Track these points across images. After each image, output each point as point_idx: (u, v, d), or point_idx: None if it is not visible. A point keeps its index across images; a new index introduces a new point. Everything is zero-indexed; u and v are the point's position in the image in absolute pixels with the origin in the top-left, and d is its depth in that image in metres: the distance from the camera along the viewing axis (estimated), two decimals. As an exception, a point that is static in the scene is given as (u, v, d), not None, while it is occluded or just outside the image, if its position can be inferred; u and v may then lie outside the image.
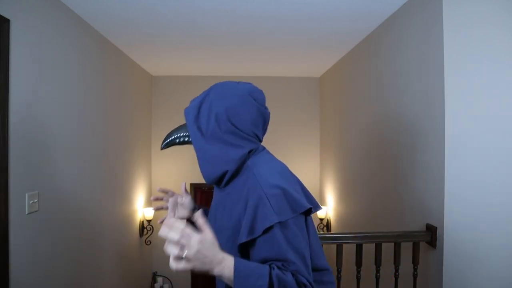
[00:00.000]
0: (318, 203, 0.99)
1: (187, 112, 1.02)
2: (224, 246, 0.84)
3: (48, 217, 1.79)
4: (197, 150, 0.98)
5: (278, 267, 0.80)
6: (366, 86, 2.58)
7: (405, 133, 1.95)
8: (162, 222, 1.02)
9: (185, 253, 0.69)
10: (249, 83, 1.01)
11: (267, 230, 0.83)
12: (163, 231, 0.71)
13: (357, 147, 2.80)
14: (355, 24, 2.29)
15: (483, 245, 1.55)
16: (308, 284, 0.81)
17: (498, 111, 1.55)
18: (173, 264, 0.70)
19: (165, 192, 1.19)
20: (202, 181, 3.34)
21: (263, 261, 0.83)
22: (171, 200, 1.15)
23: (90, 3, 1.95)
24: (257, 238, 0.84)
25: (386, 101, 2.22)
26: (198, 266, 0.72)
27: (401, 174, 2.00)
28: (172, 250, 0.70)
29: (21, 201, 1.58)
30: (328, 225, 3.67)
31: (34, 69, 1.68)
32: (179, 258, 0.70)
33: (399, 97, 2.03)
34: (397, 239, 1.71)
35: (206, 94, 0.99)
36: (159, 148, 3.99)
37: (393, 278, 1.76)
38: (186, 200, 1.17)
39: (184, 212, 1.15)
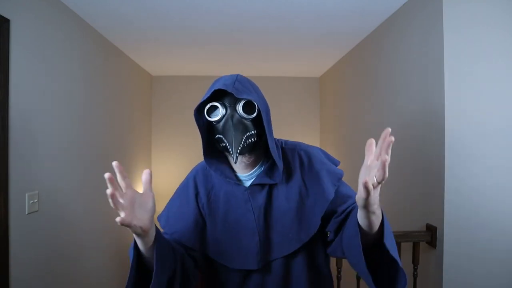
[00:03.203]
0: None
1: (241, 91, 0.83)
2: (296, 228, 0.88)
3: (48, 217, 1.79)
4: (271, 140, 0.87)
5: None
6: (366, 86, 2.58)
7: (405, 133, 1.95)
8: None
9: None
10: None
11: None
12: None
13: (356, 147, 2.79)
14: (355, 24, 2.29)
15: (483, 245, 1.55)
16: None
17: (498, 110, 1.55)
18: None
19: (122, 175, 0.72)
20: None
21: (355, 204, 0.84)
22: (129, 194, 0.71)
23: (90, 3, 1.95)
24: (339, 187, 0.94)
25: (385, 101, 2.22)
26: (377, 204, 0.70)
27: (401, 174, 2.00)
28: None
29: (21, 201, 1.58)
30: (328, 225, 3.66)
31: (34, 69, 1.68)
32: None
33: (399, 97, 2.03)
34: (397, 239, 1.71)
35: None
36: (160, 147, 4.01)
37: (393, 278, 1.76)
38: (149, 200, 0.73)
39: (144, 215, 0.71)
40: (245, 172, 0.93)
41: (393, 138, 0.65)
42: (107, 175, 0.65)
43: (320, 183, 0.91)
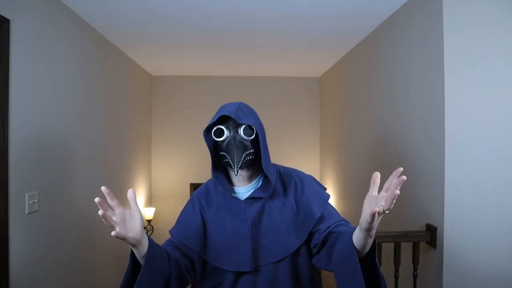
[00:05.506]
0: None
1: (241, 116, 0.99)
2: (285, 239, 1.01)
3: (48, 217, 1.79)
4: (265, 155, 1.01)
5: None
6: (366, 86, 2.58)
7: (405, 133, 1.95)
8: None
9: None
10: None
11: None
12: None
13: (357, 147, 2.80)
14: (355, 24, 2.29)
15: (483, 245, 1.56)
16: None
17: (498, 111, 1.55)
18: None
19: (110, 197, 0.85)
20: (202, 181, 3.31)
21: (339, 223, 1.00)
22: (119, 212, 0.84)
23: (90, 3, 1.95)
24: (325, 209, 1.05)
25: (386, 101, 2.22)
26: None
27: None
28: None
29: (21, 201, 1.58)
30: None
31: (34, 69, 1.68)
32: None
33: (399, 97, 2.03)
34: (397, 239, 1.71)
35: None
36: (160, 148, 4.01)
37: (393, 278, 1.76)
38: (136, 214, 0.86)
39: (134, 227, 0.84)
40: (243, 185, 1.07)
41: (405, 177, 0.76)
42: (97, 199, 0.77)
43: (310, 204, 1.05)
